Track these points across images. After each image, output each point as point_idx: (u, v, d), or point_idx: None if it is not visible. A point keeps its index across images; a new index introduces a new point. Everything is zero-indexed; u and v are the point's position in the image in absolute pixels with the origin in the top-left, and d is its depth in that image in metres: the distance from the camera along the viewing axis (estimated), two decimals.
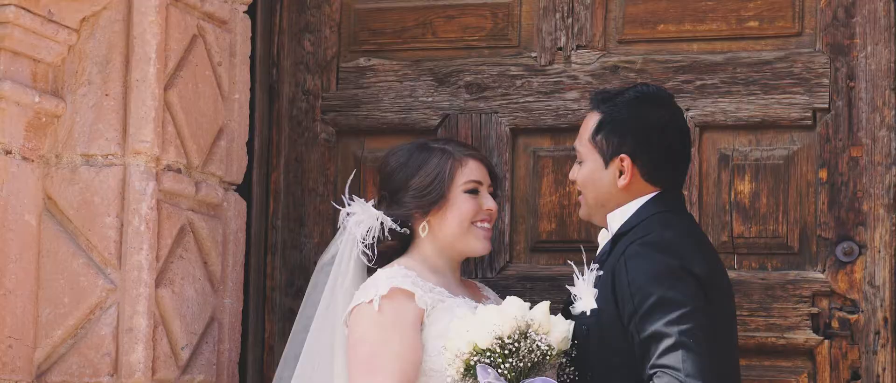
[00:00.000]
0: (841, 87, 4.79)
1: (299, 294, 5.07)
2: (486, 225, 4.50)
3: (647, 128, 4.31)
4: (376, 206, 4.54)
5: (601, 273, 4.13)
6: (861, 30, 4.79)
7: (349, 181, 4.81)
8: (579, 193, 4.44)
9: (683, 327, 4.02)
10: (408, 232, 4.50)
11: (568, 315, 4.22)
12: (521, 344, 3.98)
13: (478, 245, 4.48)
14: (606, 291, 4.14)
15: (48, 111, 4.67)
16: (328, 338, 4.54)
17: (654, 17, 4.97)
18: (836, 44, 4.81)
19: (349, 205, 4.61)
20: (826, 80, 4.80)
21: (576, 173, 4.41)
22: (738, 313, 4.59)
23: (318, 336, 4.57)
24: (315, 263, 5.00)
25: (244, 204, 5.16)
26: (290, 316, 5.11)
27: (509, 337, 3.98)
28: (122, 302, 4.68)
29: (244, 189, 5.17)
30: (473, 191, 4.50)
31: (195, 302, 4.91)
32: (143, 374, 4.66)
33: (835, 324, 4.73)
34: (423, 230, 4.47)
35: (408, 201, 4.48)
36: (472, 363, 4.00)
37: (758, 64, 4.85)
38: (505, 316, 4.03)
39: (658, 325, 4.01)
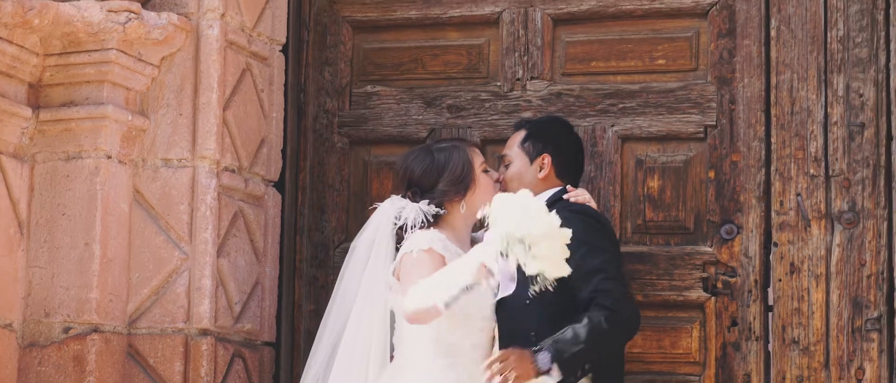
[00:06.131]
0: (725, 109, 5.12)
1: (321, 265, 5.39)
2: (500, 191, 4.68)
3: (560, 138, 4.91)
4: (412, 200, 4.78)
5: None
6: (740, 67, 5.12)
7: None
8: (504, 188, 4.80)
9: (612, 266, 4.61)
10: (444, 212, 4.76)
11: None
12: (514, 246, 4.21)
13: None
14: None
15: (137, 126, 5.08)
16: (368, 310, 4.78)
17: (588, 56, 5.32)
18: (722, 77, 5.15)
19: (379, 205, 4.85)
20: (714, 104, 5.14)
21: (503, 173, 4.90)
22: (647, 277, 5.12)
23: (362, 304, 4.80)
24: (334, 242, 5.43)
25: (279, 196, 5.47)
26: (313, 282, 5.42)
27: (507, 242, 4.21)
28: (192, 269, 5.05)
29: (279, 185, 5.48)
30: (486, 170, 4.85)
31: (245, 269, 5.22)
32: (208, 321, 5.05)
33: (719, 285, 5.07)
34: (462, 208, 4.77)
35: (446, 190, 4.75)
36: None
37: (664, 92, 5.20)
38: (508, 232, 4.20)
39: (596, 263, 4.57)
